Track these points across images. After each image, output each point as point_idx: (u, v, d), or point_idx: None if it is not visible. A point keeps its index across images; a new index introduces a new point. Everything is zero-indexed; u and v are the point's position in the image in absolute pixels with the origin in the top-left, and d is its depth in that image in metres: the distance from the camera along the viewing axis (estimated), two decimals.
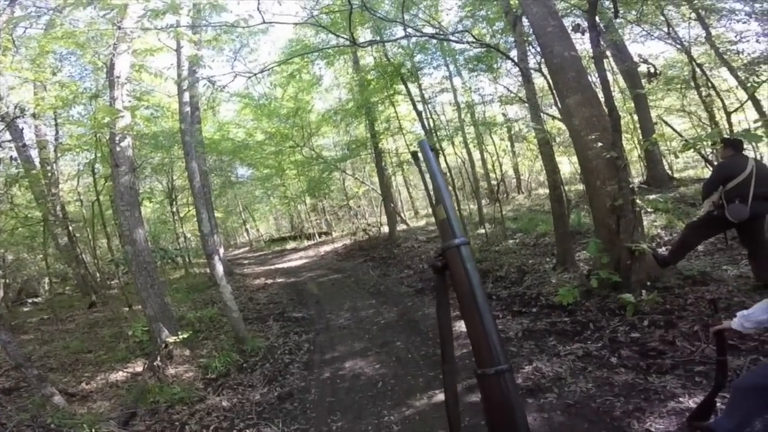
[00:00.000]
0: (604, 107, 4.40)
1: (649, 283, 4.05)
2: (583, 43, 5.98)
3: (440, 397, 3.26)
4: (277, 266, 13.29)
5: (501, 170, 11.95)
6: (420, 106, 9.13)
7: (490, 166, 12.67)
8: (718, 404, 2.17)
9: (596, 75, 4.61)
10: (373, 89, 8.72)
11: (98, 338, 6.28)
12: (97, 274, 10.30)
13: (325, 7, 7.16)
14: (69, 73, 9.51)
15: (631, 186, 4.22)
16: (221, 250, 11.65)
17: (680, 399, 2.55)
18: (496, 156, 11.27)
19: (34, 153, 9.72)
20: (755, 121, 5.79)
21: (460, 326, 4.55)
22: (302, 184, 16.83)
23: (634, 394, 2.68)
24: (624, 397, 2.68)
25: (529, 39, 6.41)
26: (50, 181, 9.27)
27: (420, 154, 0.89)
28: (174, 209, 12.51)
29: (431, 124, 9.21)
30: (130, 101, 5.80)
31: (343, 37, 6.19)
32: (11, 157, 8.54)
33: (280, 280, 10.30)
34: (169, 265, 11.68)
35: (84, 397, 4.14)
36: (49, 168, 9.50)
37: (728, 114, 7.52)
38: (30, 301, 10.03)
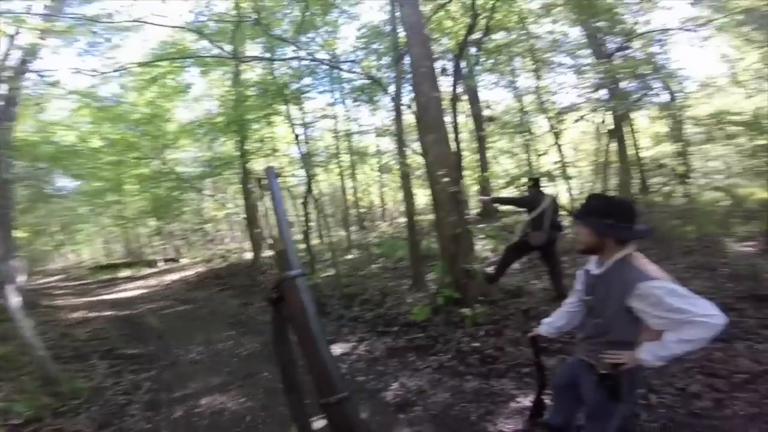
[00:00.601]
0: (453, 147, 5.05)
1: (481, 298, 4.75)
2: (445, 86, 6.45)
3: (316, 423, 3.18)
4: (105, 297, 11.06)
5: (370, 199, 12.59)
6: (299, 130, 9.11)
7: (360, 195, 13.23)
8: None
9: (451, 116, 5.16)
10: (250, 106, 8.34)
11: None
12: None
13: (216, 15, 6.69)
14: None
15: (467, 217, 5.01)
16: (21, 278, 9.09)
17: (518, 399, 2.90)
18: (366, 185, 11.84)
19: None
20: (554, 163, 7.60)
21: (332, 349, 4.53)
22: (146, 203, 14.52)
23: (483, 399, 2.97)
24: (475, 402, 2.95)
25: (407, 76, 6.75)
26: None
27: (266, 182, 0.86)
28: None
29: (308, 149, 9.29)
30: None
31: (224, 49, 5.90)
32: None
33: (108, 313, 8.58)
34: None
35: None
36: None
37: (538, 156, 9.31)
38: None
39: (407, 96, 7.25)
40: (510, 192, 7.65)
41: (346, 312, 5.91)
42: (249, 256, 11.86)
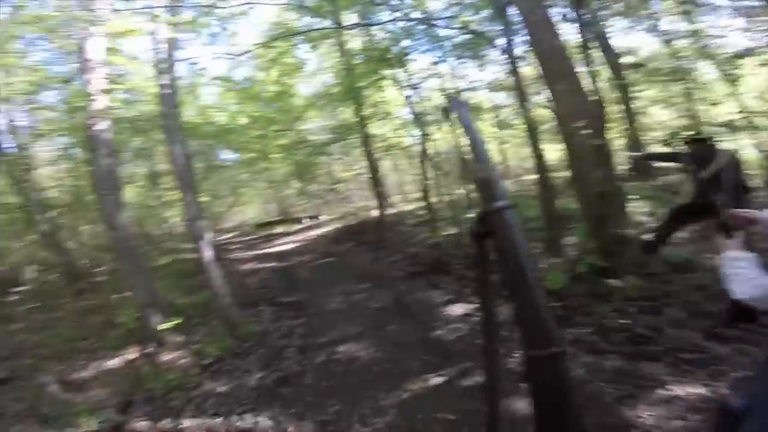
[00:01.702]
0: (590, 96, 4.53)
1: (635, 269, 4.11)
2: (568, 34, 6.05)
3: (435, 380, 3.34)
4: (266, 251, 13.23)
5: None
6: (408, 91, 9.03)
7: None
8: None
9: (583, 64, 4.73)
10: (359, 74, 8.63)
11: (89, 326, 6.20)
12: (84, 261, 10.10)
13: None
14: (40, 57, 9.04)
15: (616, 173, 4.29)
16: (209, 235, 11.51)
17: (669, 386, 2.60)
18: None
19: (6, 138, 9.33)
20: (738, 112, 5.94)
21: (453, 309, 4.66)
22: (289, 168, 16.63)
23: (625, 380, 2.73)
24: (615, 383, 2.73)
25: (516, 27, 6.31)
26: (27, 167, 8.97)
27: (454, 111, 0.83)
28: (158, 194, 12.26)
29: (420, 109, 9.16)
30: (106, 83, 5.61)
31: (325, 18, 6.03)
32: None
33: (270, 265, 10.27)
34: (155, 250, 11.50)
35: (79, 386, 4.13)
36: (25, 153, 9.17)
37: (709, 106, 7.64)
38: (16, 290, 9.77)
39: (521, 48, 6.57)
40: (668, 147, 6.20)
41: (469, 273, 5.85)
42: (375, 213, 12.59)
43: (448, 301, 5.15)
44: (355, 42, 10.36)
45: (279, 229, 18.58)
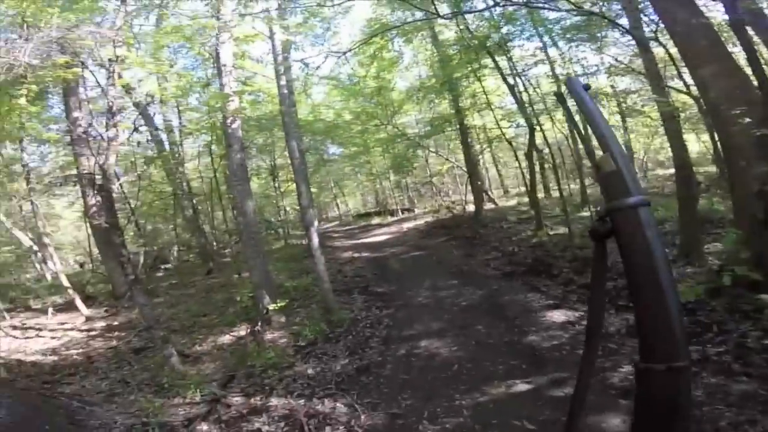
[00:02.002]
0: (750, 79, 3.76)
1: None
2: (708, 11, 5.11)
3: (520, 387, 3.14)
4: (363, 240, 13.81)
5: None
6: (511, 80, 8.52)
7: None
8: None
9: (733, 44, 4.09)
10: (455, 64, 8.42)
11: (212, 303, 7.21)
12: (214, 243, 11.83)
13: None
14: (183, 65, 10.71)
15: None
16: (316, 223, 12.43)
17: None
18: None
19: (163, 137, 11.34)
20: None
21: (553, 315, 4.23)
22: (387, 161, 17.10)
23: (751, 406, 2.41)
24: (737, 407, 2.41)
25: (641, 5, 5.71)
26: (178, 161, 10.76)
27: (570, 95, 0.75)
28: (276, 185, 13.73)
29: (526, 98, 8.47)
30: (237, 85, 6.32)
31: (421, 10, 5.89)
32: (147, 139, 10.11)
33: (365, 255, 10.68)
34: (272, 236, 12.90)
35: (196, 359, 4.82)
36: (176, 149, 11.03)
37: None
38: (162, 267, 11.91)
39: (646, 28, 5.85)
40: None
41: (578, 278, 5.30)
42: (470, 208, 12.16)
43: (548, 305, 4.75)
44: (449, 32, 10.11)
45: (375, 220, 19.27)
